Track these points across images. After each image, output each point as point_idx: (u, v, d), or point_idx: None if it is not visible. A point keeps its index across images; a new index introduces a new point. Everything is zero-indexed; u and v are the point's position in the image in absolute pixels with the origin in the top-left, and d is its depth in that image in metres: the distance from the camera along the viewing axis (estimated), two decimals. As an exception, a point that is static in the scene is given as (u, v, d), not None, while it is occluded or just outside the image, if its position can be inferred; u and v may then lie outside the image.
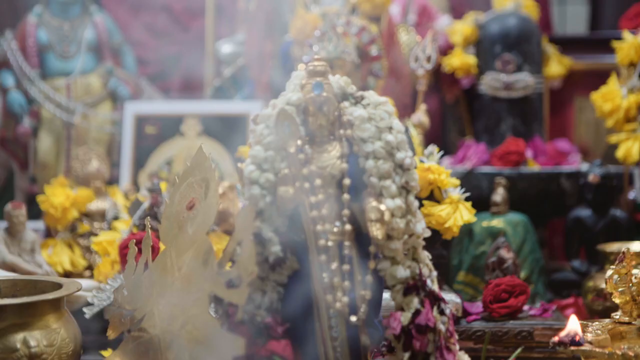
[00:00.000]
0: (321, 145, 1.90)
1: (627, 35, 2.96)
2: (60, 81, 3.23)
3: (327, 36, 2.84)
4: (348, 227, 1.83)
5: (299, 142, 1.87)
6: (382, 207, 1.80)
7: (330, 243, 1.82)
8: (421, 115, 2.84)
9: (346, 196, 1.85)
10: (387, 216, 1.79)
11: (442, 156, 2.65)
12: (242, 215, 1.79)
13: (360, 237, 1.84)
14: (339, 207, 1.84)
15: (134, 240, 1.96)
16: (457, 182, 2.45)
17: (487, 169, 3.02)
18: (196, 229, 1.85)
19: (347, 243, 1.82)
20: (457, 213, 2.40)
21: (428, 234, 1.87)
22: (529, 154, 3.06)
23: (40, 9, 3.25)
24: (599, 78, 3.12)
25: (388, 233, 1.80)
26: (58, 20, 3.25)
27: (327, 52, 2.79)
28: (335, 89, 1.95)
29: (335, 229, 1.83)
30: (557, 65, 3.28)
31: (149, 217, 2.14)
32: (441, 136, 3.63)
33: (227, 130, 3.17)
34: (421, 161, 2.52)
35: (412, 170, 1.88)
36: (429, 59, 2.84)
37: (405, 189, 1.87)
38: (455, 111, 3.63)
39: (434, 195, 2.44)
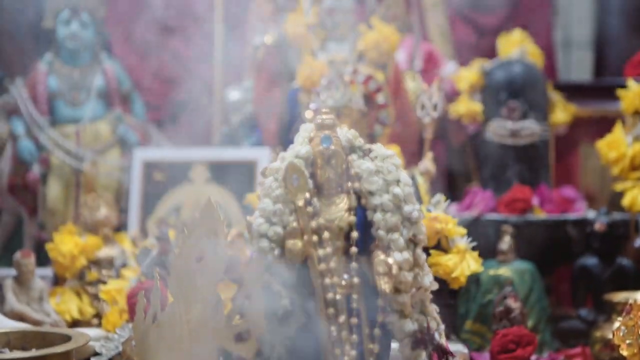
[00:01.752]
0: (329, 198, 1.92)
1: (631, 83, 2.99)
2: (70, 128, 3.26)
3: (335, 84, 2.87)
4: (356, 280, 1.84)
5: (308, 195, 1.89)
6: (390, 260, 1.81)
7: (338, 296, 1.83)
8: (428, 163, 2.85)
9: (354, 249, 1.86)
10: (395, 269, 1.80)
11: (449, 203, 2.66)
12: (251, 268, 1.81)
13: (368, 290, 1.85)
14: (347, 260, 1.85)
15: (143, 292, 1.96)
16: (464, 231, 2.46)
17: (493, 216, 3.03)
18: (205, 281, 1.86)
19: (355, 296, 1.84)
20: (464, 263, 2.41)
21: (436, 287, 1.89)
22: (535, 201, 3.07)
23: (51, 56, 3.29)
24: (604, 124, 3.14)
25: (396, 286, 1.82)
26: (68, 68, 3.28)
27: (335, 101, 2.81)
28: (343, 142, 1.97)
29: (343, 282, 1.84)
30: (562, 113, 3.30)
31: (157, 267, 2.15)
32: (448, 182, 3.64)
33: (235, 177, 3.19)
34: (428, 210, 2.53)
35: (419, 223, 1.89)
36: (435, 107, 2.87)
37: (413, 242, 1.88)
38: (462, 157, 3.65)
39: (441, 244, 2.45)
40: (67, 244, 2.76)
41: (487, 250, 2.71)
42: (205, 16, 3.80)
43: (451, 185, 3.67)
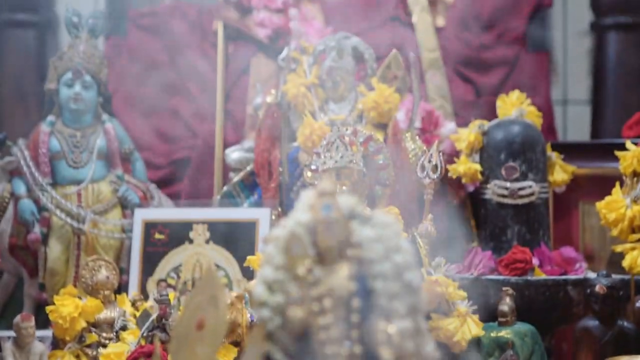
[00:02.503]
0: (330, 266, 1.92)
1: (629, 145, 3.01)
2: (71, 189, 3.27)
3: (335, 145, 2.88)
4: (357, 348, 1.83)
5: (308, 263, 1.89)
6: (391, 329, 1.81)
7: (339, 365, 1.82)
8: (428, 225, 2.86)
9: (355, 317, 1.86)
10: (396, 338, 1.80)
11: (448, 264, 2.67)
12: (251, 337, 1.81)
13: (370, 359, 1.84)
14: (349, 328, 1.85)
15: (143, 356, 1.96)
16: (465, 294, 2.46)
17: (493, 276, 3.04)
18: (205, 348, 1.86)
19: (356, 365, 1.83)
20: (465, 326, 2.42)
21: (438, 356, 1.88)
22: (535, 262, 3.08)
23: (53, 118, 3.31)
24: (603, 183, 3.15)
25: (397, 355, 1.81)
26: (70, 129, 3.31)
27: (335, 162, 2.83)
28: (344, 209, 1.98)
29: (344, 351, 1.84)
30: (561, 172, 3.32)
31: (157, 330, 2.15)
32: (447, 240, 3.65)
33: (235, 237, 3.20)
34: (428, 273, 2.54)
35: (421, 291, 1.89)
36: (435, 168, 2.88)
37: (414, 310, 1.88)
38: (461, 215, 3.66)
39: (441, 307, 2.45)
40: (67, 306, 2.76)
41: (488, 312, 2.72)
42: (207, 76, 3.84)
43: (451, 244, 3.67)
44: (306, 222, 1.96)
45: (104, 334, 2.78)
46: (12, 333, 2.66)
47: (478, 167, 3.24)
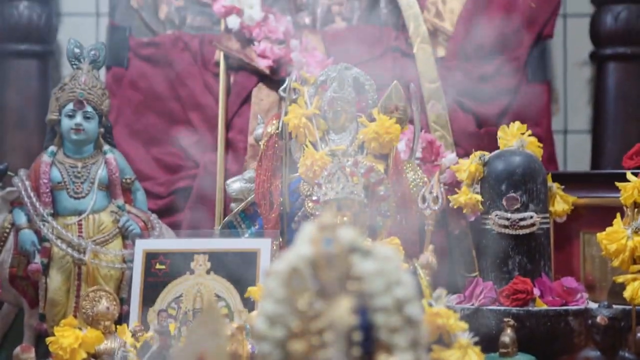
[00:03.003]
0: (331, 300, 1.92)
1: (629, 176, 3.02)
2: (72, 219, 3.27)
3: (336, 176, 2.89)
4: (358, 383, 1.83)
5: (309, 296, 1.89)
6: (392, 363, 1.81)
7: (340, 399, 1.82)
8: (429, 256, 2.87)
9: (356, 351, 1.86)
10: (397, 372, 1.80)
11: (449, 295, 2.67)
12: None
13: (371, 393, 1.84)
14: (349, 362, 1.85)
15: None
16: (466, 326, 2.46)
17: (495, 307, 3.03)
18: (206, 382, 1.86)
19: (357, 399, 1.83)
20: (466, 358, 2.41)
21: (438, 389, 1.88)
22: (536, 292, 3.07)
23: (55, 148, 3.32)
24: (604, 213, 3.16)
25: (398, 389, 1.81)
26: (71, 160, 3.32)
27: (336, 193, 2.84)
28: (345, 243, 1.98)
29: (345, 385, 1.83)
30: (562, 203, 3.32)
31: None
32: (448, 270, 3.65)
33: (236, 267, 3.19)
34: (429, 304, 2.53)
35: (422, 324, 1.89)
36: (436, 199, 2.89)
37: (415, 344, 1.88)
38: (462, 243, 3.66)
39: (442, 339, 2.45)
40: (67, 337, 2.76)
41: (489, 343, 2.71)
42: (208, 105, 3.86)
43: (452, 272, 3.67)
44: (307, 256, 1.96)
45: (104, 366, 2.78)
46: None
47: (479, 197, 3.24)
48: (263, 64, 3.78)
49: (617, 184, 3.01)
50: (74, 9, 4.31)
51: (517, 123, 3.33)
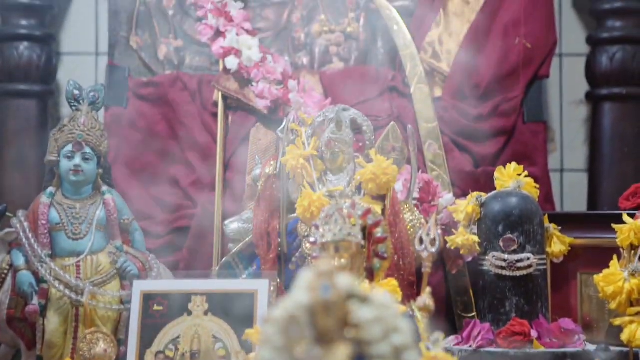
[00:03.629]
0: (329, 347, 1.93)
1: (626, 217, 3.03)
2: (70, 260, 3.28)
3: (333, 218, 2.90)
4: None
5: (307, 344, 1.89)
6: (390, 411, 1.81)
7: None
8: (426, 298, 2.86)
9: (354, 399, 1.86)
10: (394, 421, 1.80)
11: (447, 337, 2.67)
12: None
13: None
14: (347, 410, 1.85)
15: None
16: (464, 370, 2.46)
17: (492, 349, 3.04)
18: None
19: None
20: (464, 402, 2.41)
21: None
22: (534, 334, 3.07)
23: (53, 189, 3.33)
24: (601, 254, 3.17)
25: None
26: (70, 201, 3.32)
27: (333, 235, 2.84)
28: (342, 290, 1.99)
29: None
30: (558, 244, 3.33)
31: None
32: (445, 310, 3.65)
33: (234, 308, 3.19)
34: (427, 348, 2.53)
35: (419, 372, 1.90)
36: (433, 242, 2.89)
37: (412, 391, 1.88)
38: (459, 283, 3.67)
39: (440, 383, 2.44)
40: (65, 380, 2.75)
41: (487, 385, 2.72)
42: (206, 145, 3.87)
43: (449, 312, 3.68)
44: (305, 303, 1.96)
45: (102, 409, 2.77)
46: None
47: (476, 238, 3.25)
48: (261, 105, 3.80)
49: (614, 225, 3.02)
50: (73, 48, 4.33)
51: (514, 164, 3.36)
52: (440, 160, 3.81)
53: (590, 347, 3.02)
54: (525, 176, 3.34)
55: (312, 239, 3.03)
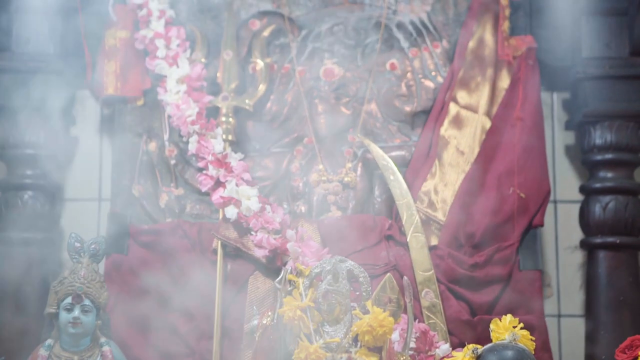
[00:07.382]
0: None
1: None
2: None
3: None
4: None
5: None
6: None
7: None
8: None
9: None
10: None
11: None
12: None
13: None
14: None
15: None
16: None
17: None
18: None
19: None
20: None
21: None
22: None
23: (52, 341, 3.35)
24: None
25: None
26: (68, 353, 3.35)
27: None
28: None
29: None
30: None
31: None
32: None
33: None
34: None
35: None
36: (428, 398, 2.90)
37: None
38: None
39: None
40: None
41: None
42: (205, 293, 3.90)
43: None
44: None
45: None
46: None
47: (476, 378, 3.24)
48: (260, 254, 3.85)
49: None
50: (77, 194, 4.36)
51: (509, 316, 3.36)
52: (436, 309, 3.83)
53: None
54: (521, 328, 3.35)
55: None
